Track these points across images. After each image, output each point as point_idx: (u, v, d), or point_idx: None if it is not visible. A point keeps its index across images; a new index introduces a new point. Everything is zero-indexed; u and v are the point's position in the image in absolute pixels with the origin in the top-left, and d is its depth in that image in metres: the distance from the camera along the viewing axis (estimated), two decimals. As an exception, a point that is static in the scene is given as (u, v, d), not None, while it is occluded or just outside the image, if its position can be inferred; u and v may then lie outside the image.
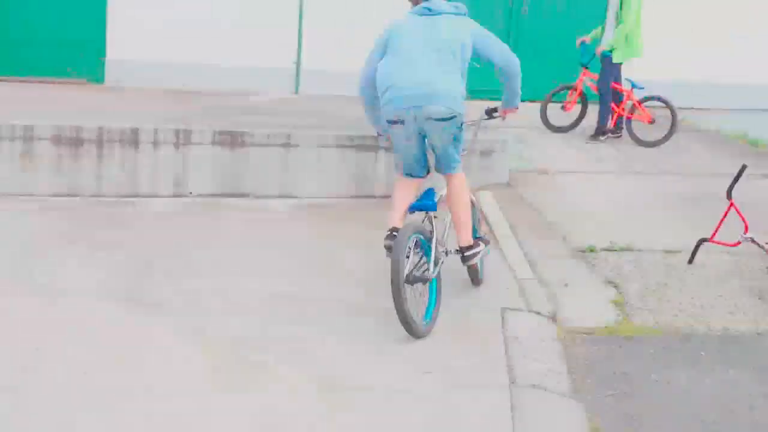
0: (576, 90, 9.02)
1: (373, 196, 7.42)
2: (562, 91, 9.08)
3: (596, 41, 9.07)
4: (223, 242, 6.13)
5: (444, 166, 5.25)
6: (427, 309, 4.95)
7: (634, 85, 8.76)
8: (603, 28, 9.00)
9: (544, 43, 10.82)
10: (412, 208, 5.15)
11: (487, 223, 6.53)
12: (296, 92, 10.33)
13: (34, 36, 9.86)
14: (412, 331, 4.74)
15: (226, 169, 7.23)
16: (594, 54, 8.89)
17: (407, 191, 5.27)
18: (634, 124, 8.80)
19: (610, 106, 8.77)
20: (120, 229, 6.27)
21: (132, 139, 7.09)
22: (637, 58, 8.84)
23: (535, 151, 8.32)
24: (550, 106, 9.13)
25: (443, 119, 4.95)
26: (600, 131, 8.87)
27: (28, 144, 6.91)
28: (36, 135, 6.93)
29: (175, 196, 7.17)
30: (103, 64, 10.02)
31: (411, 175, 5.31)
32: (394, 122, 5.04)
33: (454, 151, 5.18)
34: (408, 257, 4.71)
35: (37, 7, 9.81)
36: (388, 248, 4.96)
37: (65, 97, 8.79)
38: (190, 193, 7.19)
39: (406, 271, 4.66)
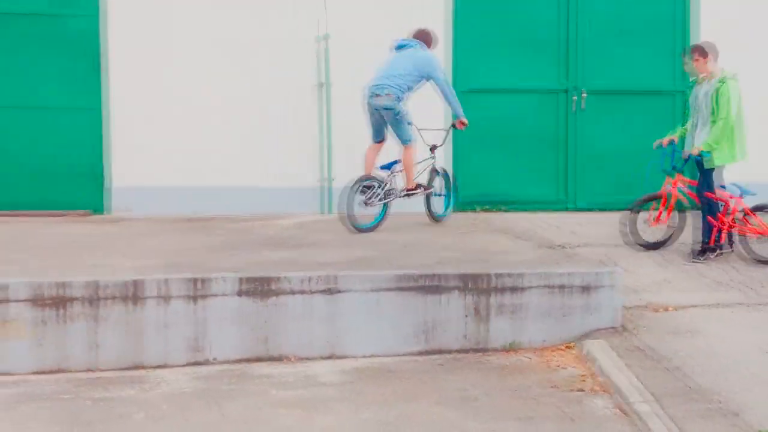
0: (663, 199, 7.32)
1: (448, 351, 5.58)
2: (648, 202, 7.38)
3: (680, 143, 7.43)
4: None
5: (399, 140, 7.62)
6: (375, 218, 7.44)
7: (744, 192, 7.06)
8: (688, 127, 7.37)
9: (606, 142, 9.25)
10: (382, 167, 7.59)
11: (621, 397, 4.71)
12: (330, 212, 8.68)
13: (26, 165, 8.35)
14: (354, 221, 7.26)
15: (256, 325, 5.43)
16: (681, 159, 7.22)
17: (373, 152, 7.69)
18: (749, 238, 7.05)
19: (712, 219, 7.05)
20: None
21: (134, 295, 5.33)
22: (741, 160, 7.18)
23: (632, 278, 6.51)
24: (638, 218, 7.43)
25: (386, 108, 7.48)
26: (705, 249, 7.11)
27: (1, 308, 5.20)
28: (9, 295, 5.18)
29: (192, 364, 5.34)
30: (104, 194, 8.46)
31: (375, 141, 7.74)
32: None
33: (401, 131, 7.52)
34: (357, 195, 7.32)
35: (30, 135, 8.36)
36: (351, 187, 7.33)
37: (60, 234, 7.14)
38: (212, 359, 5.41)
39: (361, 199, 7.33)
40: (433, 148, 7.83)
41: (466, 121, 7.80)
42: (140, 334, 5.30)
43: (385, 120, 7.50)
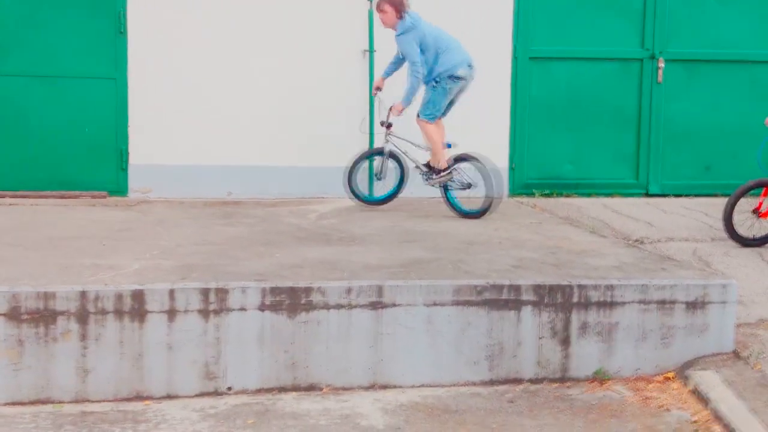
0: (773, 188, 5.93)
1: (518, 381, 4.35)
2: (757, 189, 6.00)
3: None
4: None
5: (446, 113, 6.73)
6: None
7: None
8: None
9: (690, 118, 7.81)
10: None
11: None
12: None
13: (39, 141, 7.20)
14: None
15: (283, 348, 4.19)
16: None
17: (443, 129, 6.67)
18: None
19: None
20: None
21: (135, 308, 4.15)
22: None
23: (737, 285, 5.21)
24: (736, 209, 6.07)
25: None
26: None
27: (-32, 325, 4.08)
28: (-20, 310, 4.09)
29: (204, 394, 4.15)
30: (122, 174, 7.32)
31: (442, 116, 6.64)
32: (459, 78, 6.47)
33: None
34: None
35: (43, 111, 7.17)
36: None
37: (66, 222, 5.99)
38: (228, 389, 4.21)
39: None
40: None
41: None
42: (140, 357, 4.10)
43: (457, 94, 6.58)
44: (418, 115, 6.53)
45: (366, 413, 3.95)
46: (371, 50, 7.31)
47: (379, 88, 6.78)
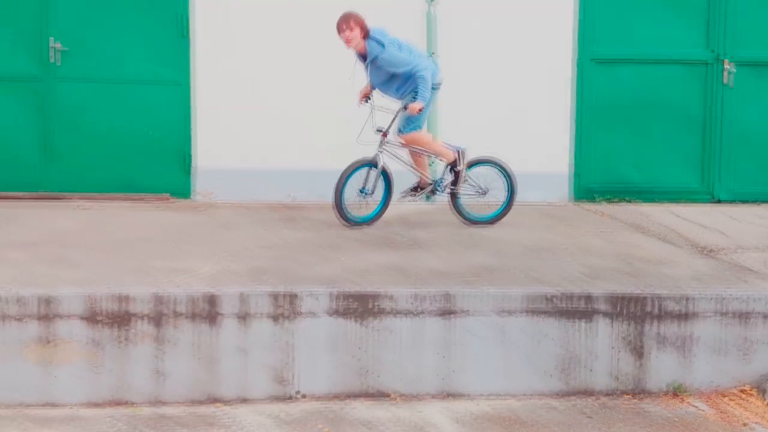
0: None
1: (592, 393, 4.26)
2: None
3: None
4: None
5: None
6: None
7: None
8: None
9: (762, 122, 7.60)
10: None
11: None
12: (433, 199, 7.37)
13: (104, 143, 7.34)
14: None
15: (353, 354, 4.20)
16: None
17: None
18: None
19: None
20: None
21: (208, 312, 4.19)
22: None
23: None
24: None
25: None
26: None
27: (47, 325, 4.08)
28: (59, 310, 4.12)
29: (275, 399, 4.17)
30: (188, 176, 7.41)
31: None
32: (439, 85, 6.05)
33: None
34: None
35: (108, 114, 7.22)
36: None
37: (133, 224, 6.08)
38: (298, 393, 4.22)
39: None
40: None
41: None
42: (215, 361, 4.15)
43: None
44: (400, 131, 5.97)
45: (438, 423, 3.92)
46: (429, 53, 7.27)
47: (367, 96, 6.06)
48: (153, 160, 7.30)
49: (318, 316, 4.22)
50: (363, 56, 5.98)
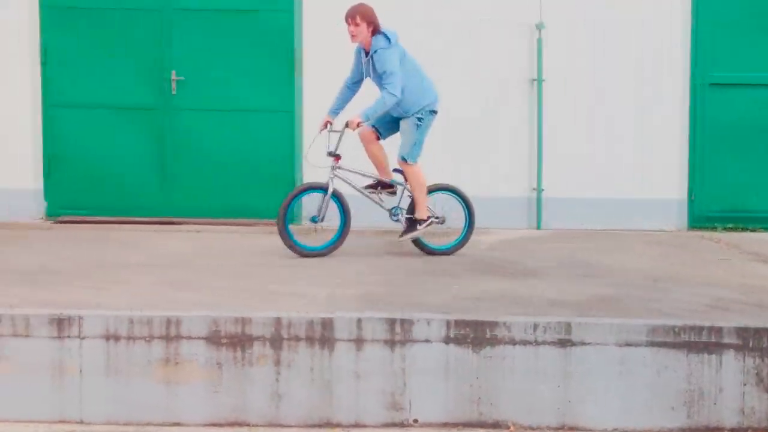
0: None
1: (720, 429, 4.04)
2: None
3: None
4: None
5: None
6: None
7: None
8: None
9: None
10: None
11: None
12: (538, 227, 7.28)
13: (217, 170, 7.52)
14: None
15: (467, 382, 4.15)
16: None
17: None
18: None
19: None
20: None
21: (323, 336, 4.25)
22: None
23: None
24: None
25: None
26: None
27: (172, 346, 4.25)
28: (182, 331, 4.28)
29: (389, 425, 4.16)
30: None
31: None
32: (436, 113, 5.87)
33: None
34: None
35: (221, 142, 7.39)
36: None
37: (247, 249, 6.19)
38: (414, 421, 4.20)
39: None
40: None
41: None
42: (329, 384, 4.21)
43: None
44: (404, 160, 5.71)
45: (557, 455, 3.83)
46: (540, 79, 7.21)
47: (329, 124, 5.87)
48: (263, 186, 7.51)
49: (432, 343, 4.20)
50: (367, 52, 5.79)
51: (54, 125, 7.25)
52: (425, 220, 5.79)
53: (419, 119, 5.72)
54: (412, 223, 5.80)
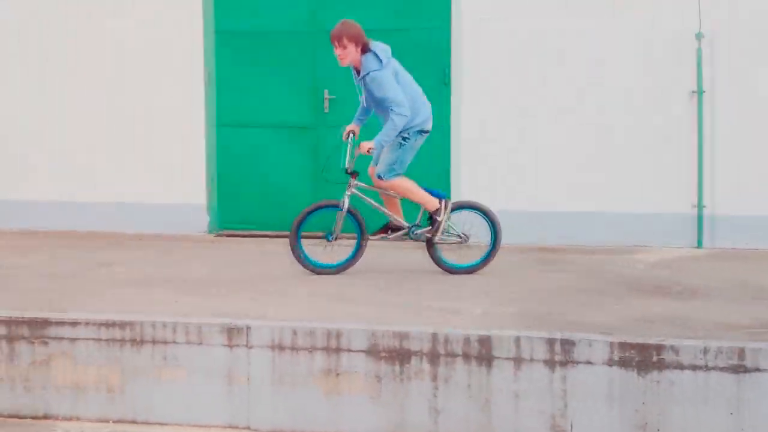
0: None
1: None
2: None
3: None
4: None
5: None
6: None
7: None
8: None
9: None
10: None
11: None
12: (699, 245, 6.92)
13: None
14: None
15: (632, 406, 4.01)
16: None
17: None
18: None
19: None
20: None
21: (482, 354, 4.23)
22: None
23: None
24: None
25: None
26: None
27: (334, 358, 4.38)
28: (342, 344, 4.39)
29: (549, 447, 4.18)
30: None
31: None
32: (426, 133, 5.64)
33: None
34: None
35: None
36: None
37: (397, 262, 6.18)
38: (574, 444, 4.17)
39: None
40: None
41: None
42: (487, 402, 4.19)
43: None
44: (379, 177, 5.52)
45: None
46: (700, 91, 6.89)
47: (353, 133, 5.66)
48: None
49: (594, 365, 4.09)
50: (358, 71, 5.54)
51: (220, 144, 7.63)
52: (439, 207, 5.55)
53: (404, 138, 5.46)
54: (432, 221, 5.57)
